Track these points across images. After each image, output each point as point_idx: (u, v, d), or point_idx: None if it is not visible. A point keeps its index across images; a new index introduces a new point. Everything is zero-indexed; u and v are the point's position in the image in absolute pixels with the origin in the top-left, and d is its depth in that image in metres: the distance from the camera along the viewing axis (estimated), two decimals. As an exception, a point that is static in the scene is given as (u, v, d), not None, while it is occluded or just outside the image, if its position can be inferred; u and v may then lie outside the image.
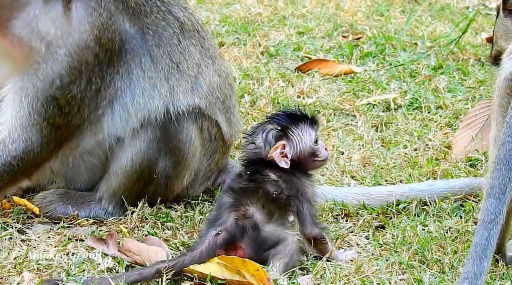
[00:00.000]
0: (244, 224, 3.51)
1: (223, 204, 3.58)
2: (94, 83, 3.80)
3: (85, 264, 3.53)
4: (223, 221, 3.52)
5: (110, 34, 3.81)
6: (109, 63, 3.82)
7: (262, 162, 3.67)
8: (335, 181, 4.46)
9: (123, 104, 3.88)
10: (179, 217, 3.95)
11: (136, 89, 3.88)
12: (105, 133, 3.90)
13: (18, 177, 3.84)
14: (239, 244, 3.50)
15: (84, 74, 3.77)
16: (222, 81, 4.10)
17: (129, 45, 3.87)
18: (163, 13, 3.98)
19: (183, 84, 3.94)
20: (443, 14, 8.02)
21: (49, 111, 3.76)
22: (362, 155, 4.73)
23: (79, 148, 3.93)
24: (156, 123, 3.90)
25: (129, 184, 3.94)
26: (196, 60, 4.01)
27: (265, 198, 3.56)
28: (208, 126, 4.02)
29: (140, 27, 3.91)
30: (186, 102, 3.93)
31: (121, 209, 3.98)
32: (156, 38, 3.93)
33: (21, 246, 3.69)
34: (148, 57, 3.90)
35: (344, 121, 5.24)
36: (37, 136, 3.77)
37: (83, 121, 3.84)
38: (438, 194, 4.21)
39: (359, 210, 4.12)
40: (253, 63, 6.06)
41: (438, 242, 3.77)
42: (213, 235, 3.48)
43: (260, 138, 3.68)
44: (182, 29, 4.01)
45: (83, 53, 3.76)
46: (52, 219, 3.95)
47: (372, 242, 3.82)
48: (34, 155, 3.78)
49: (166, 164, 3.94)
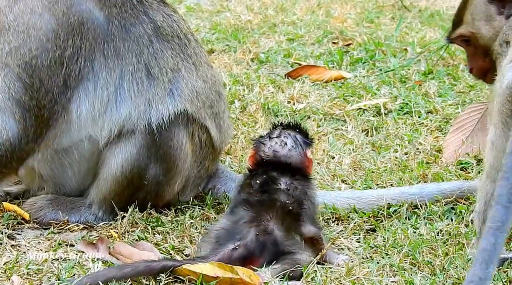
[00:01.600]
0: (264, 240, 3.49)
1: (241, 217, 3.56)
2: (63, 65, 3.77)
3: (75, 269, 3.52)
4: (243, 236, 3.49)
5: (79, 16, 3.79)
6: (78, 44, 3.79)
7: (277, 166, 3.69)
8: (325, 185, 4.46)
9: (87, 93, 3.84)
10: (169, 222, 3.94)
11: (99, 80, 3.84)
12: (80, 128, 3.86)
13: (1, 171, 3.80)
14: (257, 258, 3.48)
15: (52, 52, 3.74)
16: (208, 87, 4.09)
17: (95, 30, 3.84)
18: (138, 12, 3.95)
19: (159, 92, 3.92)
20: (433, 21, 8.04)
21: (16, 89, 3.71)
22: (353, 159, 4.74)
23: (60, 141, 3.87)
24: (143, 131, 3.89)
25: (119, 190, 3.93)
26: (171, 65, 3.99)
27: (282, 211, 3.57)
28: (198, 132, 4.02)
29: (106, 15, 3.87)
30: (167, 110, 3.91)
31: (111, 215, 3.97)
32: (122, 31, 3.89)
33: (11, 252, 3.68)
34: (111, 47, 3.86)
35: (335, 126, 5.24)
36: (11, 123, 3.73)
37: (54, 103, 3.78)
38: (429, 197, 4.22)
39: (350, 213, 4.12)
40: (243, 70, 6.06)
41: (429, 244, 3.77)
42: (230, 249, 3.46)
43: (291, 141, 3.73)
44: (156, 32, 3.98)
45: (55, 31, 3.75)
46: (42, 225, 3.94)
47: (363, 245, 3.82)
48: (12, 145, 3.73)
49: (156, 170, 3.93)
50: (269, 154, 3.74)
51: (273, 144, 3.75)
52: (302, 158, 3.75)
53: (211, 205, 4.14)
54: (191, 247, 3.74)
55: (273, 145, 3.75)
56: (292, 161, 3.73)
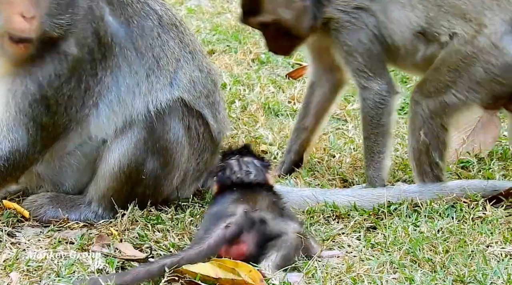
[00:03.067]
0: (252, 217, 3.51)
1: (227, 198, 3.63)
2: (84, 81, 3.79)
3: (75, 266, 3.51)
4: (232, 213, 3.52)
5: (105, 27, 3.81)
6: (102, 58, 3.82)
7: (248, 186, 3.79)
8: (326, 183, 4.46)
9: (109, 103, 3.87)
10: (169, 219, 3.94)
11: (121, 86, 3.87)
12: (92, 134, 3.89)
13: (5, 179, 3.82)
14: (243, 239, 3.49)
15: (77, 72, 3.76)
16: (204, 76, 4.08)
17: (117, 38, 3.86)
18: (142, 4, 3.97)
19: (162, 80, 3.93)
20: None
21: (36, 110, 3.74)
22: (353, 158, 4.73)
23: (65, 150, 3.91)
24: (141, 123, 3.88)
25: (118, 186, 3.92)
26: (175, 54, 4.00)
27: (268, 200, 3.67)
28: (195, 124, 4.01)
29: (125, 17, 3.90)
30: (165, 97, 3.92)
31: (111, 212, 3.96)
32: (140, 28, 3.92)
33: (11, 249, 3.67)
34: (133, 50, 3.89)
35: (335, 125, 5.24)
36: (23, 136, 3.75)
37: (69, 121, 3.82)
38: (429, 195, 4.20)
39: (350, 211, 4.11)
40: (244, 70, 6.06)
41: (429, 242, 3.76)
42: (222, 228, 3.46)
43: (252, 168, 3.85)
44: (160, 22, 4.00)
45: (81, 50, 3.76)
46: (42, 223, 3.93)
47: (364, 243, 3.81)
48: (20, 155, 3.76)
49: (154, 164, 3.92)
50: (238, 183, 3.81)
51: (238, 176, 3.83)
52: (264, 181, 3.87)
53: (211, 203, 4.13)
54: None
55: (239, 176, 3.83)
56: (259, 182, 3.83)
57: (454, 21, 4.22)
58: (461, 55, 4.20)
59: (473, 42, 4.18)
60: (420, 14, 4.25)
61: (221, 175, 3.86)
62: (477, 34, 4.18)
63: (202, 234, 3.49)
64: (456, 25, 4.21)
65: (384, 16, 4.27)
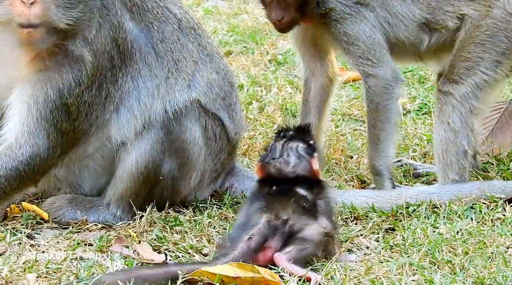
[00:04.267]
0: (275, 224, 3.50)
1: (253, 208, 3.59)
2: (105, 88, 3.82)
3: (94, 268, 3.52)
4: (255, 223, 3.51)
5: (123, 33, 3.82)
6: (122, 65, 3.83)
7: (287, 180, 3.71)
8: (344, 184, 4.44)
9: (129, 107, 3.89)
10: (187, 221, 3.94)
11: (142, 90, 3.89)
12: (112, 138, 3.91)
13: (24, 183, 3.83)
14: (268, 245, 3.49)
15: (97, 79, 3.78)
16: (220, 79, 4.10)
17: (137, 43, 3.88)
18: (162, 9, 3.99)
19: (180, 82, 3.94)
20: (451, 22, 8.01)
21: (57, 117, 3.76)
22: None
23: (85, 154, 3.93)
24: (158, 124, 3.90)
25: (136, 188, 3.93)
26: (194, 57, 4.01)
27: (296, 205, 3.60)
28: (212, 125, 4.02)
29: (145, 23, 3.92)
30: (182, 98, 3.92)
31: (130, 214, 3.97)
32: (160, 33, 3.94)
33: (30, 251, 3.68)
34: (153, 54, 3.91)
35: (353, 126, 5.23)
36: (43, 141, 3.77)
37: (90, 126, 3.84)
38: (448, 196, 4.18)
39: (369, 213, 4.09)
40: (261, 71, 6.06)
41: (448, 243, 3.74)
42: (246, 240, 3.46)
43: (294, 157, 3.75)
44: (180, 25, 4.02)
45: (101, 57, 3.77)
46: (61, 224, 3.95)
47: (382, 244, 3.80)
48: (40, 160, 3.78)
49: (171, 165, 3.93)
50: (276, 174, 3.76)
51: (277, 164, 3.77)
52: (308, 170, 3.78)
53: (229, 205, 4.13)
54: (209, 247, 3.73)
55: (277, 164, 3.77)
56: (300, 175, 3.75)
57: (459, 3, 4.32)
58: (482, 29, 4.29)
59: (489, 15, 4.28)
60: (421, 5, 4.33)
61: (264, 156, 3.81)
62: (490, 8, 4.28)
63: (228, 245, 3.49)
64: (462, 6, 4.32)
65: (385, 11, 4.34)
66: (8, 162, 3.77)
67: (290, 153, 3.78)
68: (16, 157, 3.77)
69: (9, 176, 3.77)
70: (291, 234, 3.51)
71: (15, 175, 3.78)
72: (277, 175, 3.75)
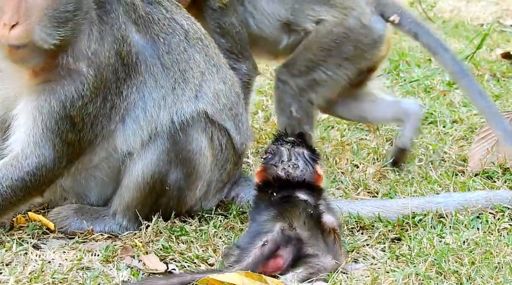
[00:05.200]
0: (289, 235, 3.50)
1: (265, 217, 3.59)
2: (110, 100, 3.82)
3: (100, 278, 3.52)
4: (269, 230, 3.50)
5: (128, 46, 3.83)
6: (126, 77, 3.84)
7: (290, 184, 3.72)
8: (350, 194, 4.44)
9: (135, 118, 3.89)
10: (193, 231, 3.94)
11: (148, 101, 3.89)
12: (118, 148, 3.91)
13: (30, 193, 3.84)
14: (280, 253, 3.48)
15: (102, 92, 3.79)
16: (227, 89, 4.10)
17: (142, 55, 3.88)
18: (169, 20, 4.00)
19: (187, 93, 3.95)
20: (457, 32, 8.02)
21: (62, 127, 3.77)
22: (377, 169, 4.71)
23: (91, 164, 3.93)
24: (165, 134, 3.90)
25: (142, 197, 3.93)
26: (200, 68, 4.02)
27: (305, 215, 3.59)
28: (218, 135, 4.02)
29: (151, 35, 3.92)
30: (189, 109, 3.93)
31: (136, 223, 3.97)
32: (166, 45, 3.94)
33: (36, 261, 3.68)
34: (159, 66, 3.91)
35: (359, 135, 5.23)
36: (49, 151, 3.78)
37: (95, 136, 3.84)
38: (454, 206, 4.18)
39: (375, 222, 4.09)
40: (267, 80, 6.07)
41: (455, 253, 3.73)
42: (259, 246, 3.46)
43: (302, 162, 3.78)
44: (186, 36, 4.02)
45: (105, 70, 3.78)
46: (67, 234, 3.95)
47: (388, 254, 3.79)
48: (46, 170, 3.79)
49: (177, 175, 3.93)
50: (283, 176, 3.77)
51: (285, 167, 3.78)
52: (313, 175, 3.79)
53: (235, 214, 4.13)
54: (215, 256, 3.73)
55: (285, 168, 3.78)
56: (306, 180, 3.76)
57: (319, 8, 4.58)
58: (332, 36, 4.54)
59: (343, 24, 4.52)
60: (286, 6, 4.59)
61: (269, 159, 3.82)
62: (346, 17, 4.53)
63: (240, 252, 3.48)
64: (322, 12, 4.57)
65: (252, 6, 4.59)
66: (14, 172, 3.77)
67: (298, 158, 3.80)
68: (22, 168, 3.77)
69: (15, 186, 3.78)
70: (304, 254, 3.51)
71: (21, 185, 3.79)
72: (283, 178, 3.75)
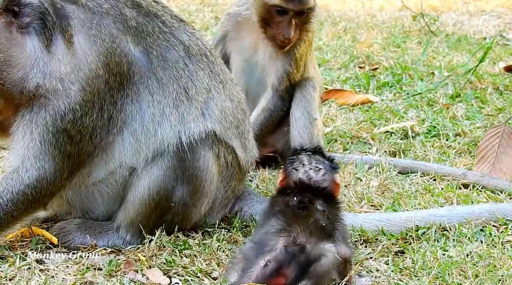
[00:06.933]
0: (293, 251, 3.45)
1: (270, 228, 3.55)
2: (106, 110, 3.82)
3: (103, 292, 3.52)
4: (272, 248, 3.45)
5: (117, 58, 3.83)
6: (119, 87, 3.83)
7: (309, 190, 3.72)
8: (353, 207, 4.44)
9: (133, 131, 3.89)
10: (197, 245, 3.94)
11: (145, 115, 3.89)
12: (117, 161, 3.91)
13: (32, 206, 3.84)
14: (283, 272, 3.43)
15: (96, 103, 3.79)
16: (234, 106, 4.10)
17: (136, 66, 3.88)
18: (165, 34, 3.98)
19: (193, 111, 3.94)
20: (460, 45, 8.03)
21: (60, 140, 3.77)
22: (380, 182, 4.71)
23: (91, 177, 3.93)
24: (172, 151, 3.89)
25: (146, 213, 3.93)
26: (205, 85, 4.01)
27: (315, 226, 3.55)
28: (224, 152, 4.01)
29: (143, 47, 3.92)
30: (198, 129, 3.92)
31: (139, 238, 3.97)
32: (161, 60, 3.93)
33: (39, 276, 3.68)
34: (154, 80, 3.90)
35: (362, 148, 5.23)
36: (49, 164, 3.78)
37: (94, 148, 3.84)
38: (457, 219, 4.18)
39: (378, 235, 4.09)
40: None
41: (458, 266, 3.73)
42: (262, 267, 3.41)
43: (322, 165, 3.79)
44: (188, 53, 4.00)
45: (94, 83, 3.78)
46: (71, 249, 3.95)
47: (392, 267, 3.78)
48: (47, 183, 3.79)
49: (183, 192, 3.93)
50: (304, 179, 3.77)
51: (307, 170, 3.80)
52: (332, 183, 3.80)
53: (239, 228, 4.13)
54: (219, 270, 3.73)
55: (307, 170, 3.79)
56: (325, 186, 3.77)
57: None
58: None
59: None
60: None
61: (290, 164, 3.83)
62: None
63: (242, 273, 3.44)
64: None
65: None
66: (15, 186, 3.78)
67: (319, 163, 3.83)
68: (22, 181, 3.78)
69: (16, 200, 3.79)
70: (307, 262, 3.48)
71: (22, 199, 3.79)
72: (305, 182, 3.76)
